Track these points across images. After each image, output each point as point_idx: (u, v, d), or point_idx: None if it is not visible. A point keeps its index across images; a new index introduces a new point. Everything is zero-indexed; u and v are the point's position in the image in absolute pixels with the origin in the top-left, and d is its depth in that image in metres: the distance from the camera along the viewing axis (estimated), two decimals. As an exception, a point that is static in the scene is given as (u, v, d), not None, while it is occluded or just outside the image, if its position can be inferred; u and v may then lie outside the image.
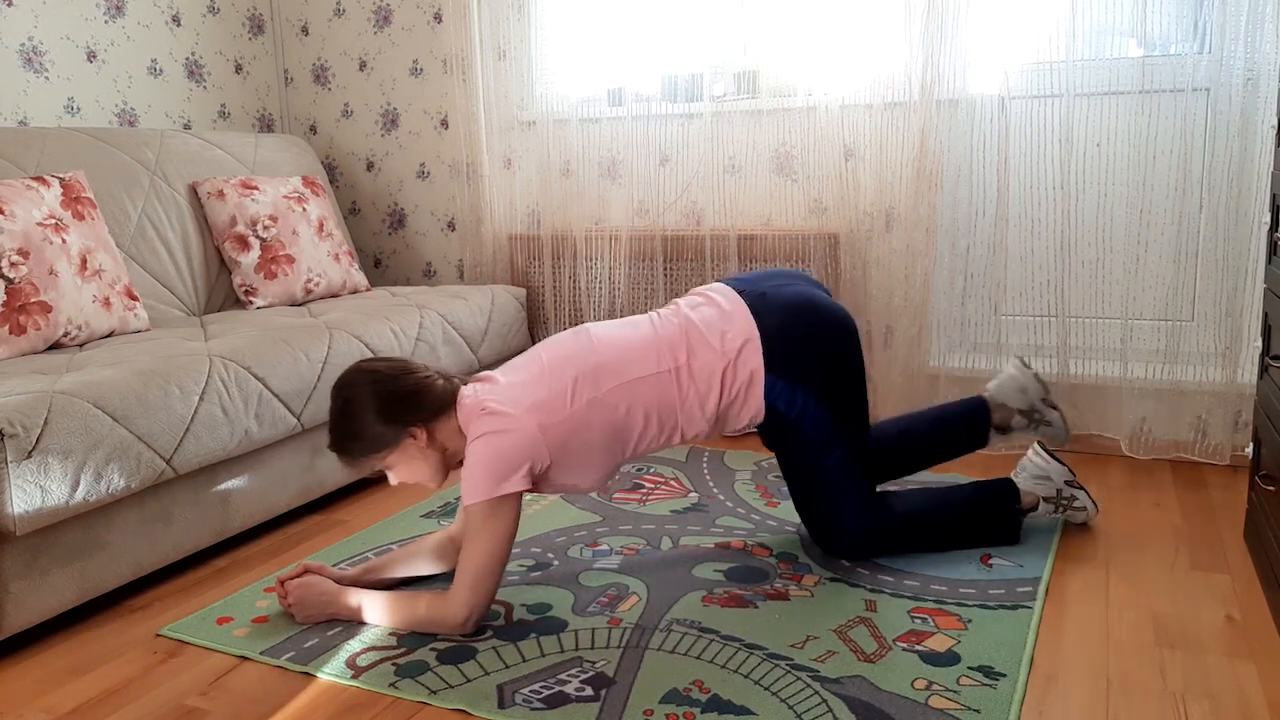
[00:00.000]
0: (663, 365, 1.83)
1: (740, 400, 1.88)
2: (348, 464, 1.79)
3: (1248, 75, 2.35)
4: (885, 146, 2.71)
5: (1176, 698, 1.50)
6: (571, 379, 1.79)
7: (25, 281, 2.21)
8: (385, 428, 1.74)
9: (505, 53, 3.17)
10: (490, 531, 1.70)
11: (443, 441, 1.80)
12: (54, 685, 1.65)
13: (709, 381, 1.85)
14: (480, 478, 1.69)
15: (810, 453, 1.93)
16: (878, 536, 1.97)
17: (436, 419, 1.78)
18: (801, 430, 1.91)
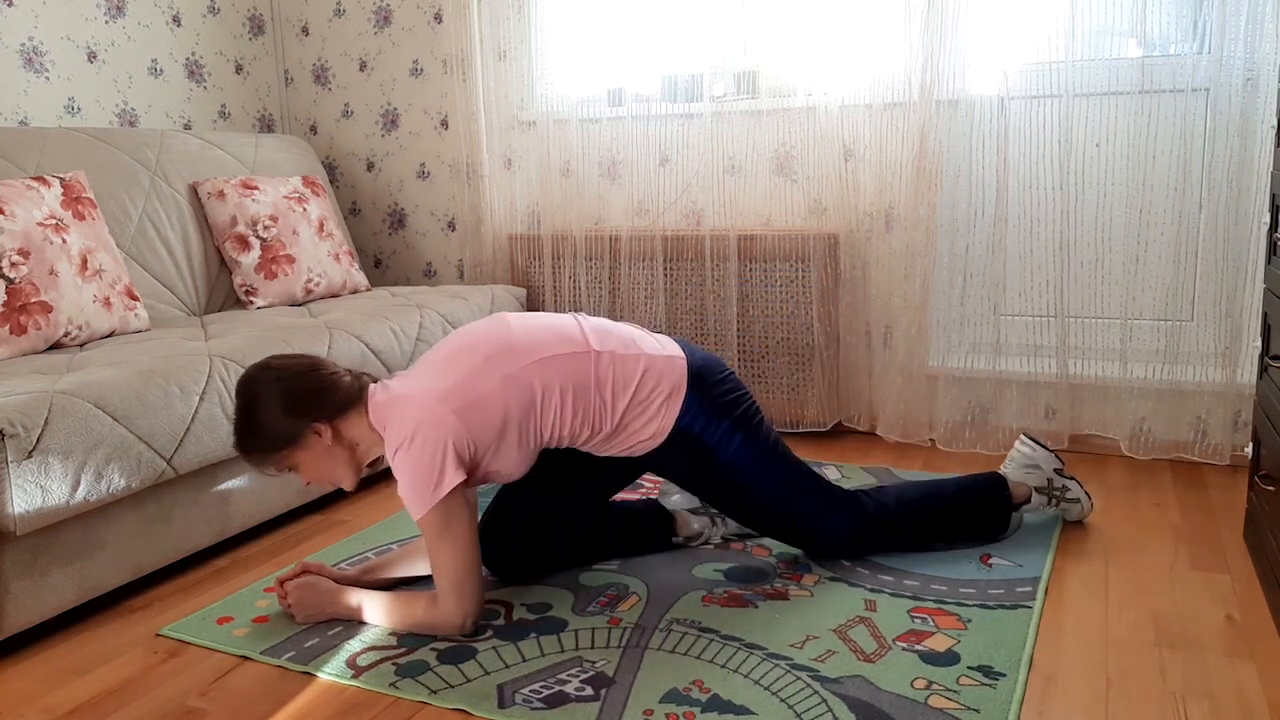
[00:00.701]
0: (581, 347, 1.79)
1: (653, 411, 1.80)
2: (253, 463, 1.74)
3: (1247, 75, 2.35)
4: (885, 147, 2.72)
5: (1176, 698, 1.50)
6: (483, 358, 1.74)
7: (26, 281, 2.21)
8: (288, 424, 1.70)
9: (505, 53, 3.17)
10: (450, 535, 1.68)
11: (351, 439, 1.76)
12: (54, 685, 1.65)
13: (630, 375, 1.79)
14: (417, 488, 1.66)
15: (745, 489, 1.88)
16: (865, 534, 1.95)
17: (343, 416, 1.74)
18: (723, 466, 1.85)
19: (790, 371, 2.90)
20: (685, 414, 1.82)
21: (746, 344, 2.94)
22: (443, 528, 1.68)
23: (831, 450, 2.80)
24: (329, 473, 1.77)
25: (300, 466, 1.75)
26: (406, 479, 1.67)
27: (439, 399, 1.70)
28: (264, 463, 1.74)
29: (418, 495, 1.67)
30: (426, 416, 1.68)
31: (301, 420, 1.71)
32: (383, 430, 1.73)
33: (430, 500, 1.66)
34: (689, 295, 2.99)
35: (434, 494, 1.66)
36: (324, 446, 1.74)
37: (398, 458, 1.68)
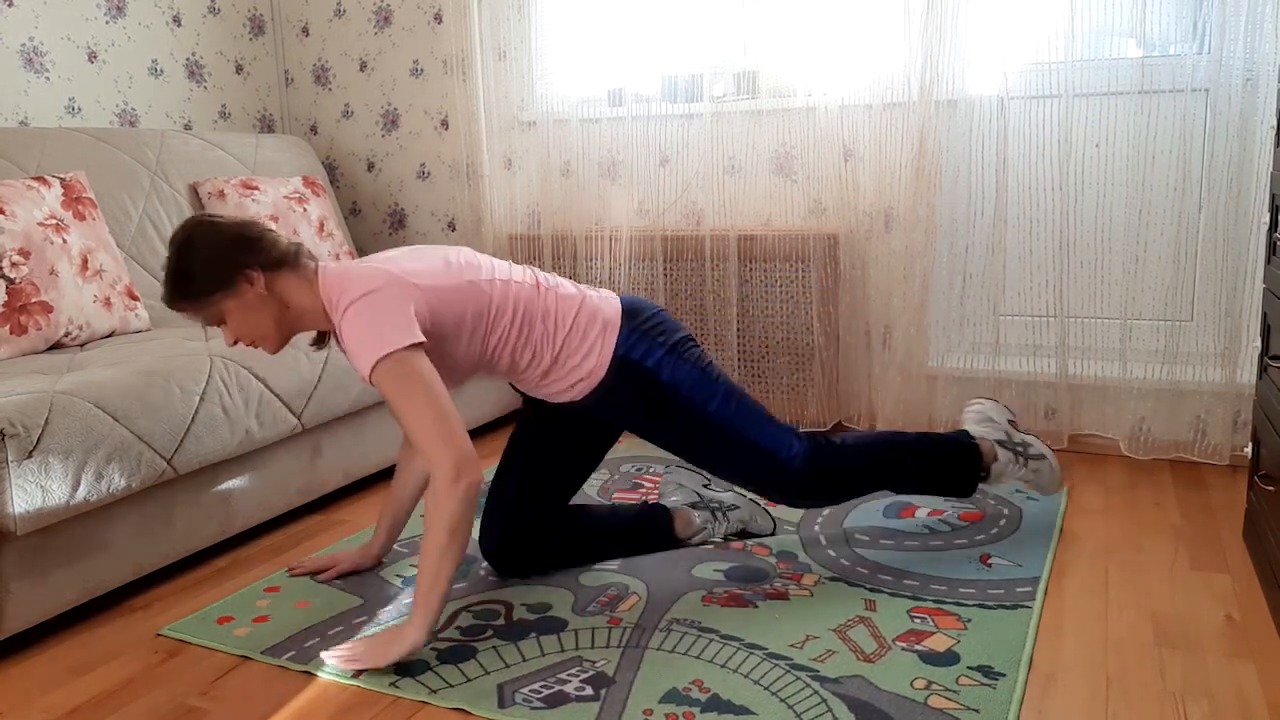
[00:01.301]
0: (531, 281, 1.83)
1: (590, 344, 1.81)
2: (184, 309, 1.68)
3: (1247, 76, 2.35)
4: (884, 147, 2.72)
5: (1176, 698, 1.50)
6: (445, 262, 1.75)
7: (26, 281, 2.21)
8: (221, 267, 1.65)
9: (505, 53, 3.17)
10: (414, 384, 1.58)
11: (284, 296, 1.71)
12: (54, 685, 1.65)
13: (567, 309, 1.82)
14: (367, 340, 1.59)
15: (692, 409, 1.84)
16: (824, 470, 1.89)
17: (277, 271, 1.70)
18: (668, 388, 1.83)
19: (790, 371, 2.90)
20: (622, 344, 1.82)
21: (746, 344, 2.94)
22: (404, 378, 1.58)
23: (831, 450, 2.80)
24: (256, 327, 1.70)
25: (229, 317, 1.69)
26: (358, 328, 1.60)
27: (404, 271, 1.68)
28: (194, 309, 1.68)
29: (373, 343, 1.58)
30: (389, 281, 1.64)
31: (235, 264, 1.66)
32: (329, 297, 1.68)
33: (385, 347, 1.58)
34: (689, 295, 2.99)
35: (386, 345, 1.58)
36: (255, 296, 1.68)
37: (351, 309, 1.61)
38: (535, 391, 1.89)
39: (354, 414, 2.49)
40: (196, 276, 1.66)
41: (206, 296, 1.67)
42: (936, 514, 2.26)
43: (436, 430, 1.59)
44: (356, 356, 1.61)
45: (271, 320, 1.72)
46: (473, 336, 1.76)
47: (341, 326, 1.64)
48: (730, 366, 2.95)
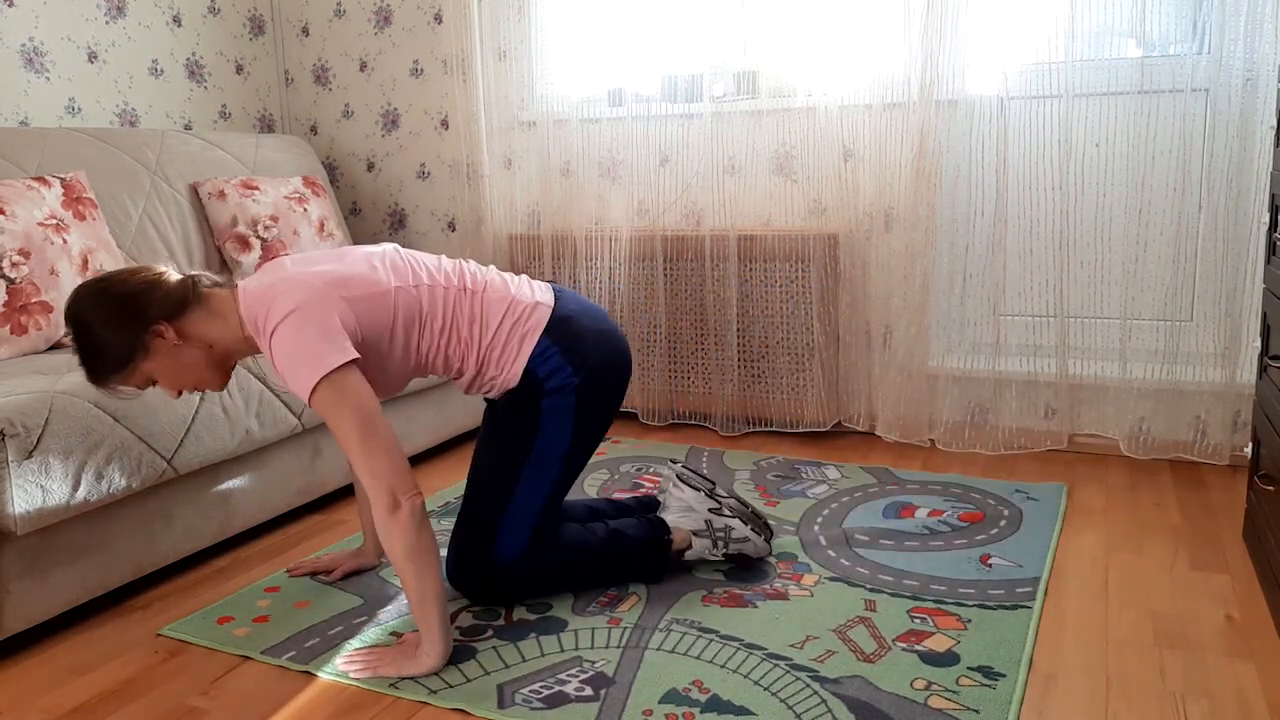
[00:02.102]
0: (455, 283, 1.77)
1: (509, 354, 1.77)
2: (109, 386, 1.62)
3: (1246, 76, 2.35)
4: (884, 147, 2.72)
5: (1176, 697, 1.50)
6: (370, 266, 1.69)
7: (26, 281, 2.21)
8: (125, 334, 1.57)
9: (505, 53, 3.17)
10: (343, 407, 1.54)
11: (202, 336, 1.64)
12: (54, 685, 1.65)
13: (491, 317, 1.77)
14: (300, 363, 1.54)
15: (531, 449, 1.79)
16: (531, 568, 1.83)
17: (183, 314, 1.62)
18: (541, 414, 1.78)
19: (790, 371, 2.90)
20: (536, 357, 1.76)
21: (746, 344, 2.94)
22: (337, 402, 1.54)
23: (831, 450, 2.80)
24: (188, 375, 1.65)
25: (157, 376, 1.63)
26: (289, 351, 1.55)
27: (328, 283, 1.62)
28: (120, 382, 1.62)
29: (305, 366, 1.54)
30: (313, 295, 1.59)
31: (136, 327, 1.58)
32: (253, 321, 1.62)
33: (319, 370, 1.53)
34: (689, 295, 2.99)
35: (320, 368, 1.54)
36: (171, 348, 1.61)
37: (279, 332, 1.56)
38: (470, 391, 1.86)
39: (354, 414, 2.49)
40: (105, 353, 1.58)
41: (123, 368, 1.60)
42: (936, 514, 2.26)
43: (367, 460, 1.55)
44: (292, 380, 1.56)
45: (199, 364, 1.65)
46: (406, 344, 1.72)
47: (272, 349, 1.58)
48: (730, 366, 2.95)
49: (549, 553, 1.84)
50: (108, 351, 1.58)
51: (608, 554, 1.90)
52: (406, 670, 1.62)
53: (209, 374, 1.67)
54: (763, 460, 2.71)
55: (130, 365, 1.60)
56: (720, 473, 2.61)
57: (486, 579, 1.83)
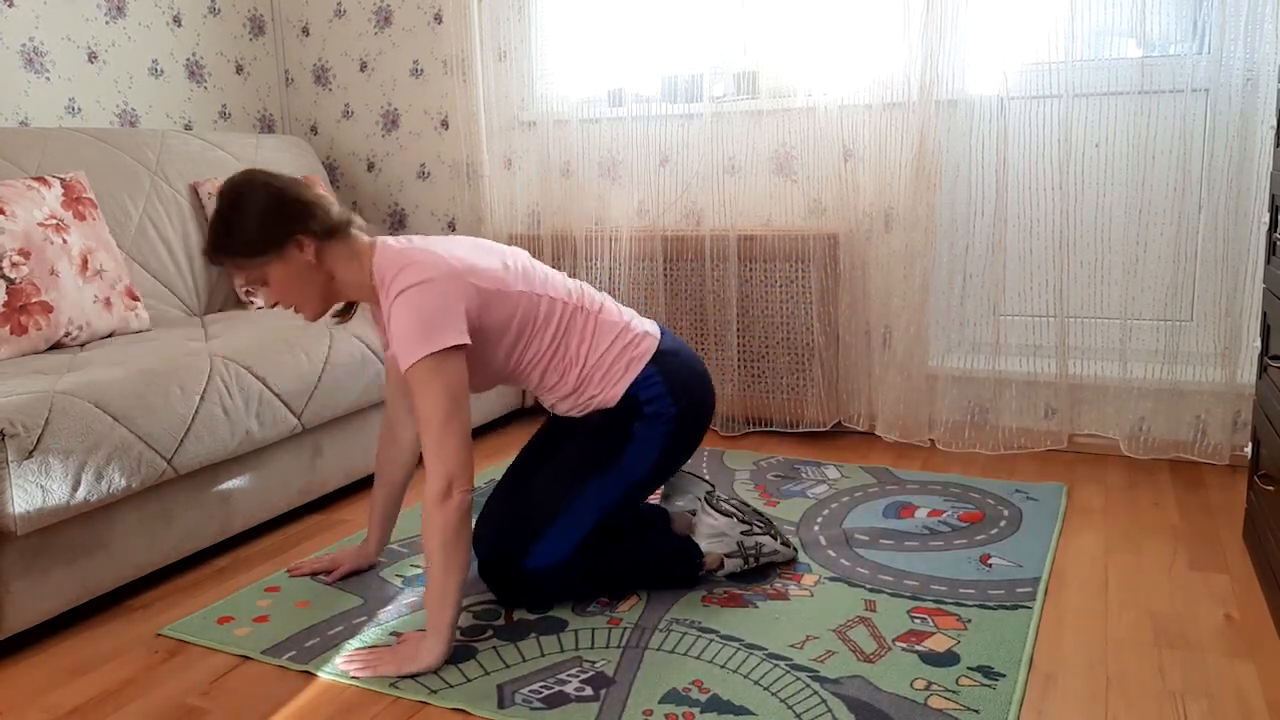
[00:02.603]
0: (574, 301, 1.81)
1: (615, 373, 1.80)
2: (225, 265, 1.65)
3: (1247, 76, 2.35)
4: (884, 147, 2.72)
5: (1175, 697, 1.50)
6: (504, 265, 1.74)
7: (26, 281, 2.21)
8: (274, 228, 1.62)
9: (505, 53, 3.17)
10: (437, 385, 1.58)
11: (332, 266, 1.69)
12: (54, 685, 1.65)
13: (602, 340, 1.81)
14: (415, 332, 1.58)
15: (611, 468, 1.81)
16: (549, 587, 1.82)
17: (328, 240, 1.68)
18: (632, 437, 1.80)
19: (790, 371, 2.90)
20: (639, 383, 1.79)
21: (746, 344, 2.94)
22: (431, 375, 1.59)
23: (831, 450, 2.80)
24: (298, 294, 1.69)
25: (271, 280, 1.67)
26: (411, 319, 1.59)
27: (463, 268, 1.67)
28: (237, 268, 1.65)
29: (419, 337, 1.58)
30: (447, 274, 1.63)
31: (286, 229, 1.63)
32: (382, 276, 1.66)
33: (430, 345, 1.58)
34: (689, 295, 2.99)
35: (431, 343, 1.58)
36: (302, 264, 1.66)
37: (406, 295, 1.60)
38: (558, 407, 1.89)
39: (354, 414, 2.49)
40: (246, 236, 1.62)
41: (252, 257, 1.64)
42: (936, 514, 2.26)
43: (440, 440, 1.60)
44: (401, 345, 1.60)
45: (316, 289, 1.70)
46: (513, 347, 1.77)
47: (392, 309, 1.62)
48: (730, 366, 2.95)
49: (579, 570, 1.83)
50: (249, 236, 1.62)
51: (637, 577, 1.90)
52: (406, 669, 1.62)
53: (315, 301, 1.71)
54: (762, 460, 2.71)
55: (259, 258, 1.64)
56: (720, 473, 2.61)
57: (508, 579, 1.82)
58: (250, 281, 1.68)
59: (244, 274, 1.67)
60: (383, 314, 1.70)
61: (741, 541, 1.94)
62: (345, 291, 1.74)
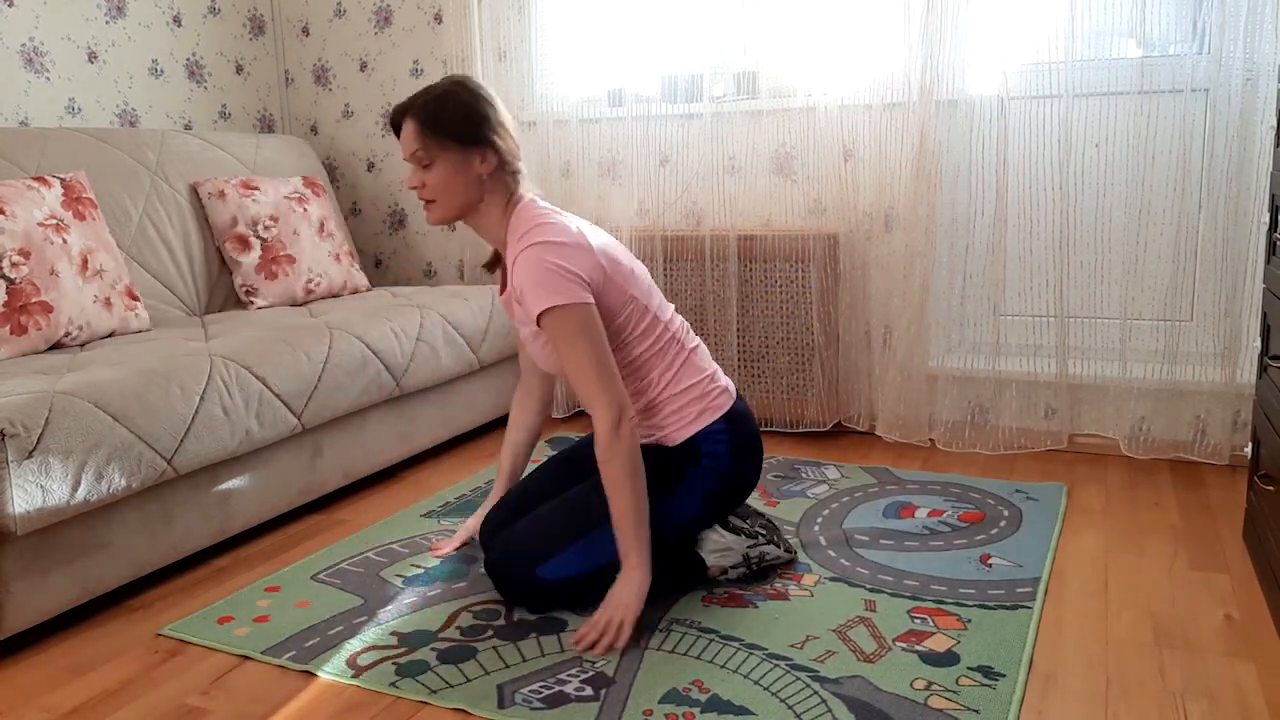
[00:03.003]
0: (672, 332, 1.86)
1: (682, 420, 1.84)
2: (408, 130, 1.71)
3: (1246, 76, 2.35)
4: (884, 147, 2.72)
5: (1175, 697, 1.50)
6: (629, 262, 1.82)
7: (26, 281, 2.21)
8: (476, 126, 1.72)
9: (505, 53, 3.17)
10: (575, 330, 1.67)
11: (487, 193, 1.76)
12: (54, 685, 1.65)
13: (685, 378, 1.85)
14: (545, 284, 1.66)
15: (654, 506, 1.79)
16: (566, 591, 1.81)
17: (501, 171, 1.76)
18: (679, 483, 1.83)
19: (790, 371, 2.90)
20: (705, 436, 1.84)
21: (746, 344, 2.94)
22: (579, 329, 1.67)
23: (831, 450, 2.80)
24: (447, 192, 1.74)
25: (437, 166, 1.72)
26: (539, 269, 1.66)
27: (600, 251, 1.75)
28: (418, 139, 1.71)
29: (549, 289, 1.66)
30: (580, 246, 1.72)
31: (485, 135, 1.72)
32: (518, 227, 1.73)
33: (555, 298, 1.65)
34: (689, 295, 2.99)
35: (562, 294, 1.66)
36: (471, 173, 1.73)
37: (539, 249, 1.67)
38: None
39: (354, 414, 2.49)
40: (450, 116, 1.70)
41: (440, 136, 1.70)
42: (936, 514, 2.26)
43: (598, 381, 1.68)
44: (531, 293, 1.67)
45: (463, 199, 1.75)
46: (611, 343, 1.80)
47: (518, 259, 1.69)
48: (730, 366, 2.95)
49: (589, 583, 1.82)
50: (453, 118, 1.71)
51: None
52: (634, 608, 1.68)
53: (453, 208, 1.76)
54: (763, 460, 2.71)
55: (446, 140, 1.71)
56: (720, 473, 2.61)
57: (518, 582, 1.81)
58: (416, 157, 1.73)
59: (420, 146, 1.72)
60: (507, 262, 1.77)
61: (747, 554, 1.94)
62: (480, 221, 1.80)
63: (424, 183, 1.75)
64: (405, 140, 1.75)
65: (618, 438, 1.67)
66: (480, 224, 1.82)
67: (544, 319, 1.67)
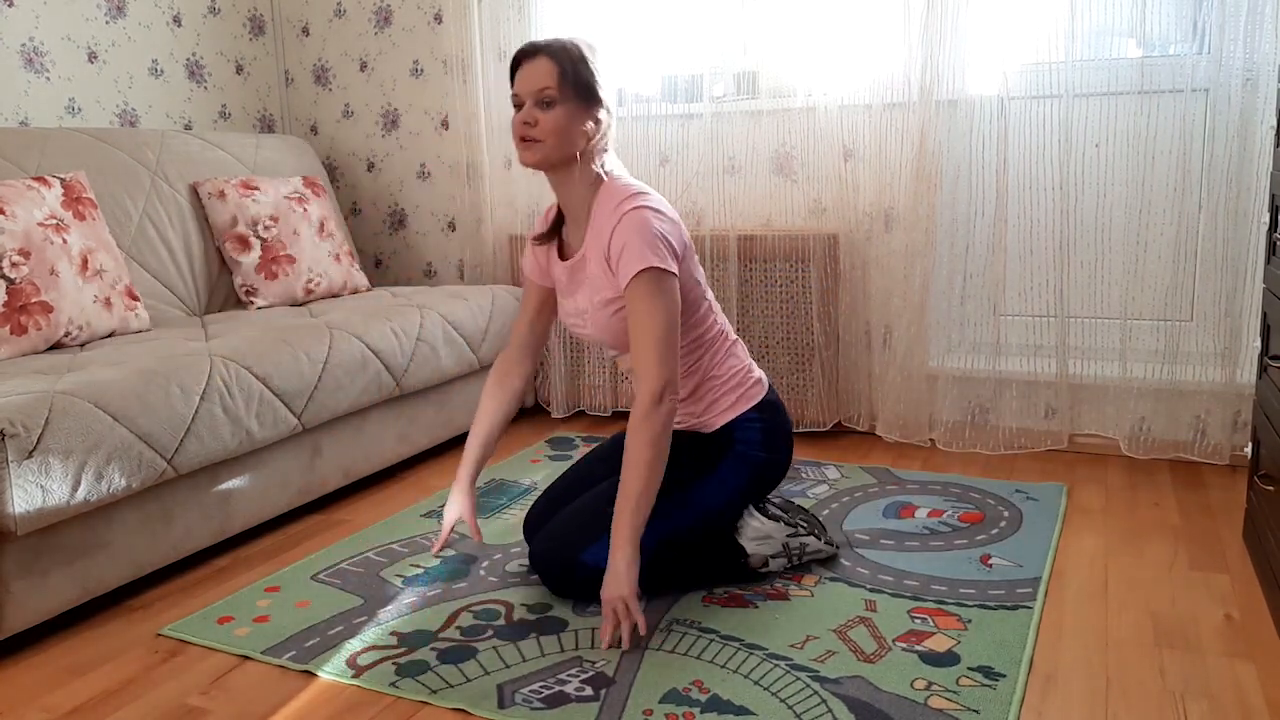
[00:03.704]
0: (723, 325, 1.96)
1: (725, 402, 1.91)
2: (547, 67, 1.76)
3: (1246, 76, 2.35)
4: (884, 147, 2.72)
5: (1175, 697, 1.50)
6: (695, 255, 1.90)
7: (26, 281, 2.21)
8: (599, 88, 1.79)
9: (505, 53, 3.17)
10: (661, 297, 1.72)
11: (586, 155, 1.81)
12: (54, 685, 1.65)
13: (731, 365, 1.94)
14: (648, 245, 1.72)
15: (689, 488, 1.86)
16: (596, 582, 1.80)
17: (603, 139, 1.83)
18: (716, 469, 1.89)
19: (790, 371, 2.90)
20: (740, 422, 1.90)
21: (746, 344, 2.93)
22: (659, 294, 1.72)
23: (831, 450, 2.80)
24: (556, 136, 1.77)
25: (558, 108, 1.76)
26: (645, 232, 1.73)
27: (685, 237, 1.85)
28: (553, 77, 1.75)
29: (651, 250, 1.72)
30: (678, 224, 1.82)
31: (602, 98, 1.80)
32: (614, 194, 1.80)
33: (656, 260, 1.72)
34: (689, 295, 2.99)
35: (662, 258, 1.73)
36: (580, 127, 1.78)
37: (644, 213, 1.75)
38: None
39: (354, 414, 2.49)
40: (585, 68, 1.77)
41: (573, 83, 1.76)
42: (936, 514, 2.26)
43: (660, 351, 1.72)
44: (631, 250, 1.72)
45: (567, 149, 1.79)
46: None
47: (624, 219, 1.75)
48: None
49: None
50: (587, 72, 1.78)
51: (683, 575, 1.91)
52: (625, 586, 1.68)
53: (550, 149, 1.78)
54: (763, 460, 2.70)
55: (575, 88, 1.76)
56: (720, 473, 2.61)
57: (565, 569, 1.84)
58: (543, 93, 1.76)
59: (552, 85, 1.75)
60: (590, 229, 1.82)
61: (787, 543, 1.96)
62: (564, 178, 1.83)
63: (538, 121, 1.77)
64: (535, 75, 1.78)
65: (656, 410, 1.71)
66: (564, 181, 1.84)
67: (638, 278, 1.72)
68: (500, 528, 2.27)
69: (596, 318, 1.86)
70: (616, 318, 1.83)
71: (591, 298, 1.86)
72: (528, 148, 1.79)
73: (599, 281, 1.82)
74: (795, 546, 1.96)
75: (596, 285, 1.83)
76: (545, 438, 3.02)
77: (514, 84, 1.80)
